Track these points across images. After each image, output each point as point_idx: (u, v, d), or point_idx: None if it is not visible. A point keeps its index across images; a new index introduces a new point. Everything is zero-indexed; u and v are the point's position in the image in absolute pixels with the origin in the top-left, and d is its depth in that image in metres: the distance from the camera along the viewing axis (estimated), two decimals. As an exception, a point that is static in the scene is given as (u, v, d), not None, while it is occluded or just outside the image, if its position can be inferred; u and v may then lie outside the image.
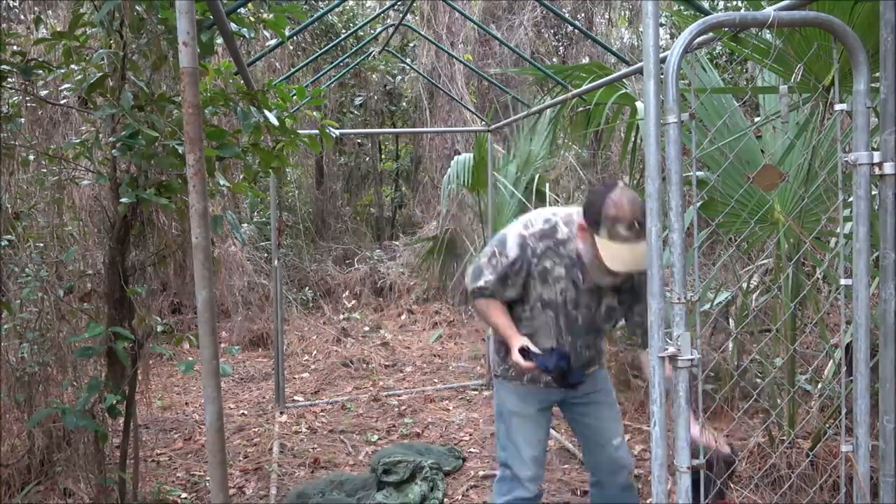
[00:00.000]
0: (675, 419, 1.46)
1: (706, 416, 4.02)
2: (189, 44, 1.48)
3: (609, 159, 8.76)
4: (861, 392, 1.58)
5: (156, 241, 2.69)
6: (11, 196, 3.02)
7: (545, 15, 9.80)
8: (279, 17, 2.43)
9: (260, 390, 5.57)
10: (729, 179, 3.18)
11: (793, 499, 2.85)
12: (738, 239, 3.41)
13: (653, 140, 1.40)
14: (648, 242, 1.41)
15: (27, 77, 2.28)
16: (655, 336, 1.42)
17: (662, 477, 1.45)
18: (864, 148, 1.56)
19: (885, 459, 1.56)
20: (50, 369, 2.94)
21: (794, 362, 3.10)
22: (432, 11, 8.63)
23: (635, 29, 10.52)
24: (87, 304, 2.86)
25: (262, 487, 3.62)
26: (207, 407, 1.54)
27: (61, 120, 3.66)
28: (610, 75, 3.34)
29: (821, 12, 1.65)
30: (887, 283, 1.55)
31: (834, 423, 2.93)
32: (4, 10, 3.78)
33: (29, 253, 2.98)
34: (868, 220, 1.58)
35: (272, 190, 5.04)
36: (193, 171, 1.48)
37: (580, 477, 3.58)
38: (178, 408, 5.07)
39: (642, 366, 2.67)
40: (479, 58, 9.67)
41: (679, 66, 1.44)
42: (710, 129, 3.17)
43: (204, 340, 1.53)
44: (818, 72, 2.47)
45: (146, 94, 2.25)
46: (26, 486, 2.92)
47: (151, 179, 2.35)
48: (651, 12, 1.39)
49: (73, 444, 2.86)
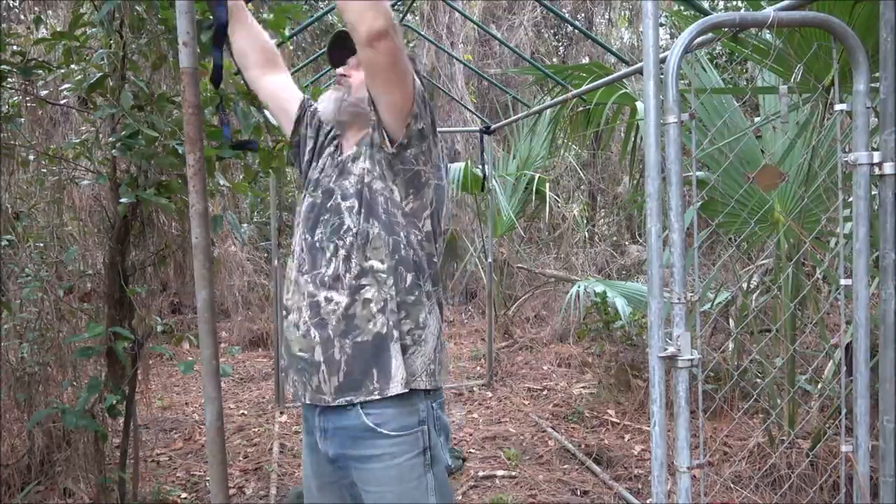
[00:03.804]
0: (675, 419, 1.46)
1: (706, 416, 4.04)
2: (189, 44, 1.48)
3: (609, 159, 8.77)
4: (861, 392, 1.58)
5: (156, 241, 2.69)
6: (11, 196, 3.02)
7: (545, 15, 9.80)
8: (279, 17, 2.43)
9: (260, 390, 5.57)
10: (729, 179, 3.18)
11: (793, 499, 2.85)
12: (738, 239, 3.41)
13: (652, 140, 1.40)
14: (648, 242, 1.41)
15: (27, 77, 2.28)
16: (655, 336, 1.42)
17: (662, 477, 1.45)
18: (864, 148, 1.56)
19: (885, 459, 1.56)
20: (50, 369, 2.94)
21: (794, 362, 3.10)
22: (432, 11, 8.63)
23: (635, 29, 10.52)
24: (87, 304, 2.86)
25: (262, 487, 3.62)
26: (207, 407, 1.54)
27: (61, 120, 3.66)
28: (610, 75, 3.34)
29: (820, 12, 1.66)
30: (887, 283, 1.54)
31: (834, 423, 2.93)
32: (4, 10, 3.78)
33: (29, 253, 2.98)
34: (868, 220, 1.58)
35: (272, 190, 5.04)
36: (193, 171, 1.48)
37: (580, 477, 3.59)
38: (178, 408, 5.07)
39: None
40: (479, 58, 9.68)
41: (679, 66, 1.44)
42: (710, 129, 3.18)
43: (204, 340, 1.53)
44: (818, 72, 2.47)
45: (146, 94, 2.25)
46: (26, 486, 2.92)
47: (151, 179, 2.35)
48: (651, 12, 1.39)
49: (73, 444, 2.86)
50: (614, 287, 5.15)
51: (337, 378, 1.54)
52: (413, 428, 1.57)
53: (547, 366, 5.93)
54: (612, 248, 8.47)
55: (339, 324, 1.55)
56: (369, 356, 1.54)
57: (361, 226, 1.56)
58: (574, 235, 8.32)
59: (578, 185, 9.34)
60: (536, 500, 3.35)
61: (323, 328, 1.56)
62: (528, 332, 6.97)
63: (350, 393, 1.54)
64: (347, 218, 1.57)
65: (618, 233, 9.29)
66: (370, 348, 1.54)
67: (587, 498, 3.36)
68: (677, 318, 1.42)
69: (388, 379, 1.54)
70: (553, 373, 5.74)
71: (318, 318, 1.56)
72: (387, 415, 1.54)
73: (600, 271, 7.83)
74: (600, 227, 9.56)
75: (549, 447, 4.02)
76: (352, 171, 1.61)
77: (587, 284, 5.27)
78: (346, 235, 1.56)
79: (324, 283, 1.57)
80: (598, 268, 7.93)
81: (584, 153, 8.74)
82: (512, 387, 5.37)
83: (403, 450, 1.55)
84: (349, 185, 1.60)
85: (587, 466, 3.68)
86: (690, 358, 1.42)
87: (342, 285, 1.55)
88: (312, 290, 1.58)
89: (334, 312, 1.55)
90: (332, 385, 1.55)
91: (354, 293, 1.55)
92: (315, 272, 1.58)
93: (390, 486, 1.55)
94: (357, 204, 1.57)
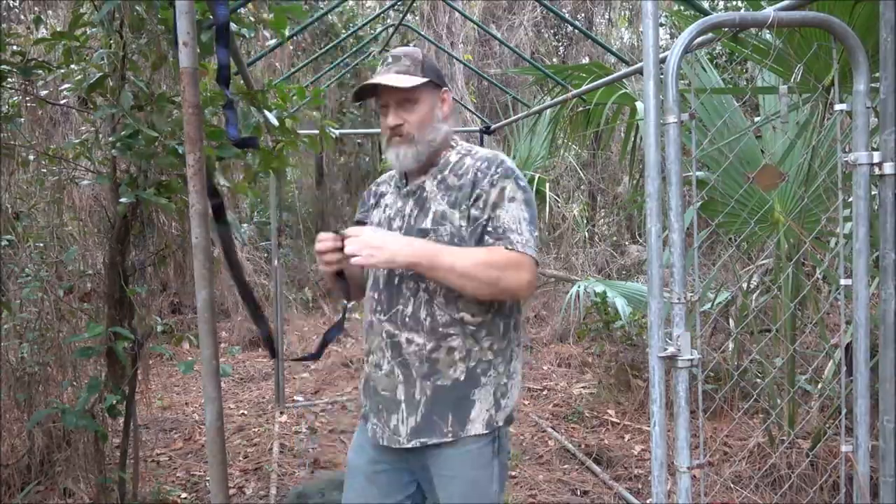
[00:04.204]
0: (675, 419, 1.46)
1: (706, 416, 4.04)
2: (189, 44, 1.48)
3: (609, 159, 8.76)
4: (861, 392, 1.58)
5: (156, 241, 2.69)
6: (11, 196, 3.03)
7: (545, 15, 9.80)
8: (279, 17, 2.43)
9: (260, 390, 5.57)
10: (729, 179, 3.18)
11: (793, 499, 2.85)
12: (738, 239, 3.41)
13: (652, 140, 1.40)
14: (648, 242, 1.41)
15: (27, 77, 2.28)
16: (655, 336, 1.42)
17: (662, 477, 1.45)
18: (863, 148, 1.56)
19: (885, 459, 1.56)
20: (50, 369, 2.94)
21: (794, 362, 3.10)
22: (432, 11, 8.63)
23: (635, 29, 10.52)
24: (87, 304, 2.86)
25: (262, 487, 3.62)
26: (207, 407, 1.54)
27: (61, 120, 3.66)
28: (610, 75, 3.34)
29: (820, 12, 1.65)
30: (887, 283, 1.54)
31: (834, 423, 2.93)
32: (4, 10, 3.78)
33: (29, 253, 2.98)
34: (868, 220, 1.58)
35: (272, 190, 5.04)
36: (193, 171, 1.48)
37: (580, 477, 3.59)
38: (178, 408, 5.07)
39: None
40: (479, 58, 9.68)
41: (679, 66, 1.44)
42: (710, 129, 3.18)
43: (204, 340, 1.53)
44: (818, 72, 2.47)
45: (146, 94, 2.25)
46: (26, 486, 2.92)
47: (151, 179, 2.35)
48: (651, 12, 1.39)
49: (73, 444, 2.86)
50: (614, 287, 5.15)
51: (414, 419, 1.58)
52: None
53: (547, 366, 5.93)
54: (612, 248, 8.47)
55: (422, 365, 1.57)
56: (446, 400, 1.57)
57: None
58: (574, 235, 8.32)
59: (578, 185, 9.33)
60: (536, 500, 3.35)
61: (406, 368, 1.58)
62: (528, 332, 6.98)
63: (423, 436, 1.58)
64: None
65: (618, 233, 9.29)
66: (447, 393, 1.57)
67: (587, 498, 3.36)
68: (677, 318, 1.42)
69: (464, 424, 1.57)
70: (553, 373, 5.74)
71: (401, 357, 1.59)
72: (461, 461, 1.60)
73: (600, 271, 7.83)
74: (600, 227, 9.56)
75: (549, 447, 4.02)
76: (434, 209, 1.60)
77: (587, 284, 5.27)
78: (428, 280, 1.55)
79: (404, 323, 1.58)
80: (598, 268, 7.92)
81: (584, 153, 8.73)
82: (512, 387, 5.36)
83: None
84: (429, 224, 1.59)
85: (587, 466, 3.68)
86: (690, 358, 1.42)
87: (422, 328, 1.57)
88: (390, 329, 1.60)
89: (416, 353, 1.57)
90: (409, 426, 1.59)
91: (440, 339, 1.56)
92: (391, 311, 1.60)
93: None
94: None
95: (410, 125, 1.59)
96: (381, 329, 1.61)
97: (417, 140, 1.60)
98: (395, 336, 1.58)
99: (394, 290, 1.59)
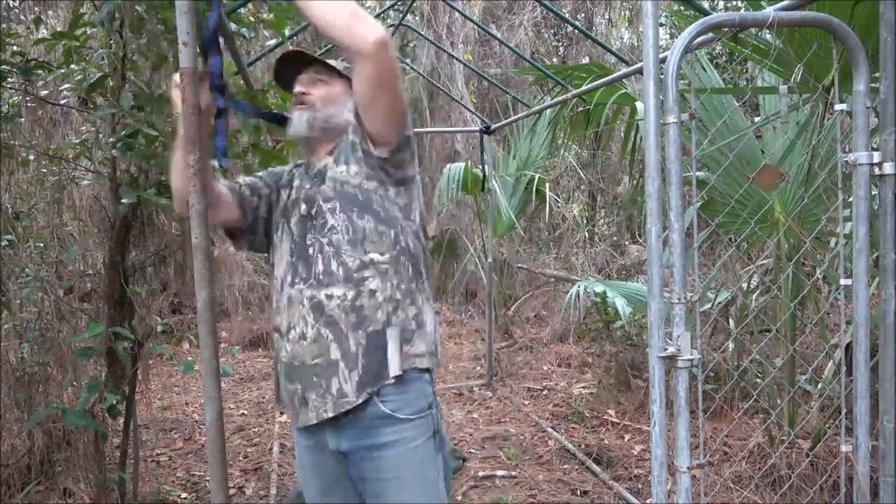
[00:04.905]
0: (675, 419, 1.46)
1: (706, 416, 4.04)
2: (189, 44, 1.48)
3: (609, 159, 8.76)
4: (861, 392, 1.58)
5: (156, 241, 2.69)
6: (11, 196, 3.03)
7: (545, 15, 9.80)
8: (279, 17, 2.43)
9: (260, 390, 5.57)
10: (729, 179, 3.18)
11: (793, 499, 2.85)
12: (738, 239, 3.41)
13: (652, 140, 1.40)
14: (648, 243, 1.41)
15: (27, 77, 2.28)
16: (655, 336, 1.42)
17: (662, 477, 1.45)
18: (864, 148, 1.56)
19: (885, 459, 1.56)
20: (50, 369, 2.94)
21: (794, 362, 3.10)
22: (432, 12, 8.63)
23: (635, 29, 10.52)
24: (87, 304, 2.87)
25: (262, 487, 3.62)
26: (207, 407, 1.53)
27: (61, 120, 3.67)
28: (610, 75, 3.34)
29: (820, 12, 1.66)
30: (887, 283, 1.54)
31: (834, 423, 2.93)
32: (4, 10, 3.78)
33: (29, 253, 2.98)
34: (868, 220, 1.58)
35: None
36: (193, 171, 1.48)
37: (580, 477, 3.59)
38: (178, 408, 5.07)
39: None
40: (479, 58, 9.68)
41: (679, 66, 1.44)
42: (710, 129, 3.18)
43: (204, 340, 1.52)
44: (818, 72, 2.47)
45: (146, 94, 2.25)
46: (26, 486, 2.92)
47: (151, 179, 2.35)
48: (651, 12, 1.39)
49: (73, 444, 2.86)
50: (614, 287, 5.15)
51: (357, 373, 1.56)
52: (425, 411, 1.61)
53: (547, 366, 5.93)
54: (612, 248, 8.48)
55: (348, 317, 1.56)
56: (381, 345, 1.57)
57: (355, 223, 1.58)
58: (574, 235, 8.33)
59: (578, 185, 9.34)
60: (536, 500, 3.35)
61: (333, 325, 1.57)
62: (528, 332, 6.98)
63: (369, 386, 1.56)
64: (331, 218, 1.60)
65: (618, 233, 9.29)
66: (380, 337, 1.57)
67: (587, 498, 3.36)
68: (677, 318, 1.42)
69: (393, 363, 1.57)
70: (553, 373, 5.74)
71: (325, 316, 1.57)
72: (401, 400, 1.57)
73: (600, 271, 7.83)
74: (600, 227, 9.56)
75: (549, 447, 4.02)
76: (331, 177, 1.63)
77: (587, 284, 5.27)
78: (330, 233, 1.59)
79: (320, 281, 1.58)
80: (598, 268, 7.93)
81: (584, 153, 8.74)
82: (512, 387, 5.37)
83: (418, 433, 1.59)
84: (328, 188, 1.62)
85: (587, 466, 3.68)
86: (690, 358, 1.42)
87: (337, 279, 1.57)
88: (310, 293, 1.59)
89: (340, 306, 1.56)
90: (354, 382, 1.56)
91: (358, 285, 1.57)
92: (307, 276, 1.60)
93: (408, 468, 1.58)
94: (338, 204, 1.60)
95: (314, 97, 1.68)
96: (300, 297, 1.60)
97: (317, 109, 1.67)
98: (314, 297, 1.58)
99: (304, 257, 1.61)
